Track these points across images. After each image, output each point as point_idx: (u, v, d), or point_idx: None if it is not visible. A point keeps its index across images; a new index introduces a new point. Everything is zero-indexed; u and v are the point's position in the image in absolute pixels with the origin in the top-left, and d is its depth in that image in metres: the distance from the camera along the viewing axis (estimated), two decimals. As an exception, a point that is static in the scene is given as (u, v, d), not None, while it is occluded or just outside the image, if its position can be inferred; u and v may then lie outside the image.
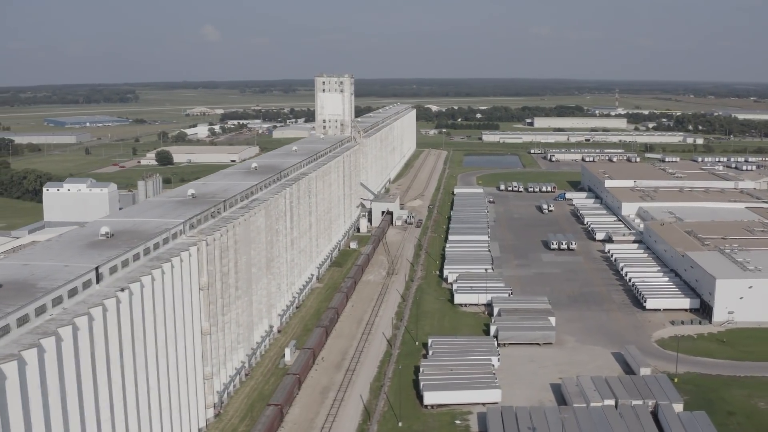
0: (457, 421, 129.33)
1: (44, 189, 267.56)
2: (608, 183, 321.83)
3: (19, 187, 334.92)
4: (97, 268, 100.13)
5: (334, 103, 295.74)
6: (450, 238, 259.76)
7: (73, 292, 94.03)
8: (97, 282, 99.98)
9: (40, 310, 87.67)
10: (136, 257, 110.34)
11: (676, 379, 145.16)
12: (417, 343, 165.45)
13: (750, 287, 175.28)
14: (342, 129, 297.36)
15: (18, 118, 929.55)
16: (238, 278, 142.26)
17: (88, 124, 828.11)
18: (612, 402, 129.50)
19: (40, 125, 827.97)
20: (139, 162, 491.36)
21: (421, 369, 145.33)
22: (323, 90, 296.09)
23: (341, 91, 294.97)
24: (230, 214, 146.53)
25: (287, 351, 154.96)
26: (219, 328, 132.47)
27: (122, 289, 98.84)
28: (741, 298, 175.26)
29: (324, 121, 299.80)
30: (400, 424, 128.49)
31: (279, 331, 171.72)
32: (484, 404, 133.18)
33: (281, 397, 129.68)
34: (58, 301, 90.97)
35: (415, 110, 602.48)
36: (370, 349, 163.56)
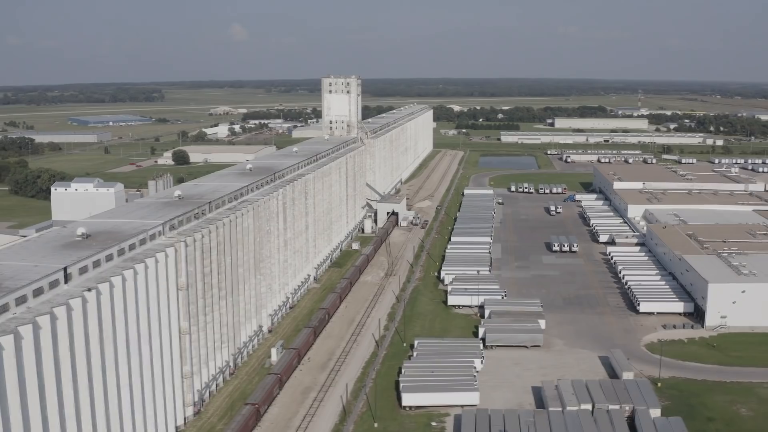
0: (433, 423, 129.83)
1: (52, 188, 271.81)
2: (617, 185, 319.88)
3: (33, 186, 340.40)
4: (65, 269, 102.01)
5: (340, 104, 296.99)
6: (452, 239, 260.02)
7: (38, 292, 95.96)
8: (66, 282, 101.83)
9: (3, 309, 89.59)
10: (109, 258, 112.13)
11: (659, 384, 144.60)
12: (405, 344, 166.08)
13: (743, 292, 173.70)
14: (348, 130, 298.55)
15: (43, 116, 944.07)
16: (221, 279, 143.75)
17: (111, 123, 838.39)
18: (589, 406, 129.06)
19: (64, 124, 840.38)
20: (156, 161, 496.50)
21: (402, 370, 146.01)
22: (330, 91, 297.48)
23: (347, 92, 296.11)
24: (215, 216, 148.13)
25: (273, 351, 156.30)
26: (200, 328, 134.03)
27: (89, 289, 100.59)
28: (734, 303, 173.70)
29: (330, 122, 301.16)
30: (376, 424, 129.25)
31: (270, 331, 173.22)
32: (462, 406, 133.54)
33: (259, 396, 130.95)
34: (22, 300, 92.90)
35: (431, 111, 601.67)
36: (358, 350, 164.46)
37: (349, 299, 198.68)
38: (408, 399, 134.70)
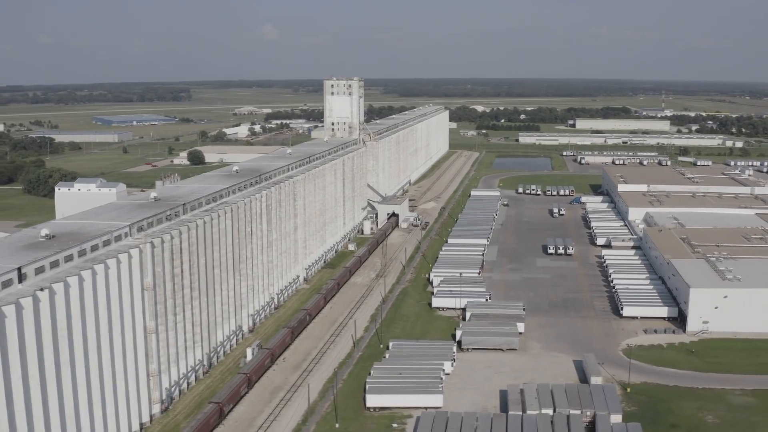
0: (395, 425, 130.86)
1: (56, 188, 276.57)
2: (621, 187, 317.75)
3: (45, 185, 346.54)
4: (19, 269, 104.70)
5: (342, 105, 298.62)
6: (449, 241, 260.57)
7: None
8: (20, 282, 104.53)
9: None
10: (69, 258, 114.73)
11: (628, 389, 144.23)
12: (382, 346, 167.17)
13: (725, 297, 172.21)
14: (350, 131, 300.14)
15: (68, 116, 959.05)
16: (194, 279, 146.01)
17: (134, 123, 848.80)
18: (550, 411, 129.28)
19: (88, 124, 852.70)
20: (172, 161, 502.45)
21: (371, 372, 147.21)
22: (332, 93, 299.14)
23: (349, 94, 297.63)
24: (190, 217, 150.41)
25: (249, 351, 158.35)
26: (168, 327, 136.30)
27: (41, 289, 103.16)
28: (716, 308, 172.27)
29: (333, 124, 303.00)
30: (337, 425, 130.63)
31: (250, 331, 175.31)
32: (426, 408, 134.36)
33: (224, 395, 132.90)
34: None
35: (447, 111, 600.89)
36: (334, 351, 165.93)
37: (335, 300, 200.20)
38: (372, 400, 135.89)
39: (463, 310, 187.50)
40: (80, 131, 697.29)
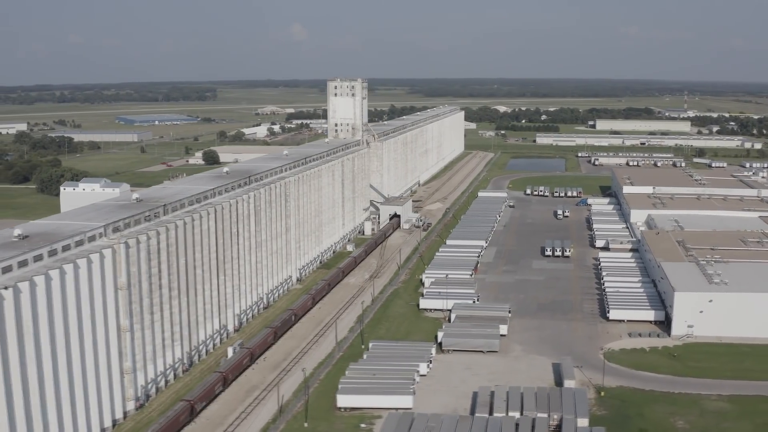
0: (363, 425, 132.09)
1: (61, 188, 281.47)
2: (626, 189, 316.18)
3: (57, 185, 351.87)
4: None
5: (345, 107, 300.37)
6: (447, 242, 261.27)
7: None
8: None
9: None
10: (38, 258, 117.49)
11: (602, 393, 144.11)
12: (363, 346, 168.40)
13: (710, 301, 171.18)
14: (353, 133, 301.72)
15: (92, 115, 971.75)
16: (173, 279, 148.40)
17: (156, 123, 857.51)
18: (517, 414, 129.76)
19: (111, 123, 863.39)
20: (187, 161, 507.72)
21: (346, 372, 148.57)
22: (335, 94, 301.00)
23: (352, 95, 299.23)
24: (170, 218, 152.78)
25: (230, 350, 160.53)
26: (145, 326, 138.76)
27: (6, 287, 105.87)
28: (701, 312, 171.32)
29: (336, 125, 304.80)
30: (306, 424, 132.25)
31: (236, 331, 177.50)
32: (396, 409, 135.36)
33: (196, 393, 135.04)
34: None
35: (462, 112, 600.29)
36: (316, 351, 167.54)
37: (325, 301, 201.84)
38: (342, 400, 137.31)
39: (450, 311, 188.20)
40: (100, 131, 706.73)
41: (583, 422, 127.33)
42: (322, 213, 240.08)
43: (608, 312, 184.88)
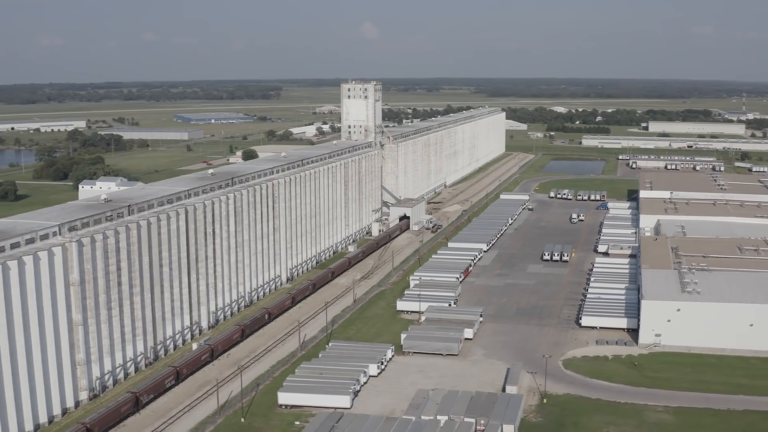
0: (297, 422, 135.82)
1: (79, 186, 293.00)
2: (643, 193, 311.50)
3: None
4: None
5: (358, 109, 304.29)
6: (449, 244, 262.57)
7: None
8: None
9: None
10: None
11: (545, 400, 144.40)
12: (327, 346, 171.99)
13: (678, 310, 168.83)
14: (366, 134, 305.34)
15: (152, 113, 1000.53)
16: (135, 276, 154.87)
17: (212, 121, 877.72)
18: (446, 417, 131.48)
19: (170, 121, 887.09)
20: (227, 160, 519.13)
21: (295, 371, 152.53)
22: (348, 96, 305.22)
23: (365, 97, 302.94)
24: (135, 218, 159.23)
25: (194, 345, 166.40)
26: (101, 321, 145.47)
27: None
28: (668, 321, 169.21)
29: (349, 127, 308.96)
30: (243, 419, 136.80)
31: (211, 327, 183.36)
32: (335, 409, 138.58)
33: (144, 386, 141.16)
34: None
35: (503, 113, 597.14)
36: (280, 349, 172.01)
37: (307, 300, 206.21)
38: (283, 398, 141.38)
39: (420, 314, 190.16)
40: (154, 129, 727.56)
41: (508, 429, 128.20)
42: (320, 214, 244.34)
43: (580, 318, 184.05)
